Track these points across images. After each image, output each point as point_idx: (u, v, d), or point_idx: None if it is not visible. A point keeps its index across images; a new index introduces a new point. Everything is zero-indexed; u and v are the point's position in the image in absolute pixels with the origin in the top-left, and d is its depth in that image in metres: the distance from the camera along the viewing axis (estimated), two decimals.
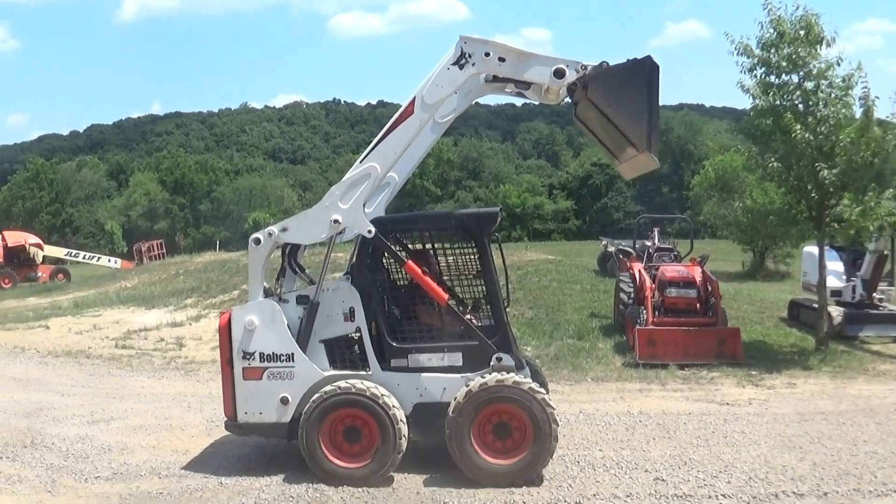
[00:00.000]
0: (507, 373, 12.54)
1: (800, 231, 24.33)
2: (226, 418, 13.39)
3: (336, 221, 12.87)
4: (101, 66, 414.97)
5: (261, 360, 12.94)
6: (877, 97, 22.04)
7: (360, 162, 13.04)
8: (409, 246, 14.31)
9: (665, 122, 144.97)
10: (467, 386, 12.44)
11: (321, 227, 13.05)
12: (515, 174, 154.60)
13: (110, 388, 20.85)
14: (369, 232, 12.88)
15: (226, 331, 13.13)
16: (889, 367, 22.12)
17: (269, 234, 13.20)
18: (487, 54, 12.71)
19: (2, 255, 59.25)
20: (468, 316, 13.89)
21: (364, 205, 12.99)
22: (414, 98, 12.85)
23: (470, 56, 12.71)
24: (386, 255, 13.81)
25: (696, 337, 22.87)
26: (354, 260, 13.43)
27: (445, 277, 14.39)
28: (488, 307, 13.50)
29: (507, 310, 13.63)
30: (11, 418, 17.30)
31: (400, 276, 14.35)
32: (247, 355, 12.97)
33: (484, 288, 13.55)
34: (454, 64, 12.76)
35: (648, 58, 12.56)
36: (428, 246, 14.18)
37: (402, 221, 13.99)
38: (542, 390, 12.57)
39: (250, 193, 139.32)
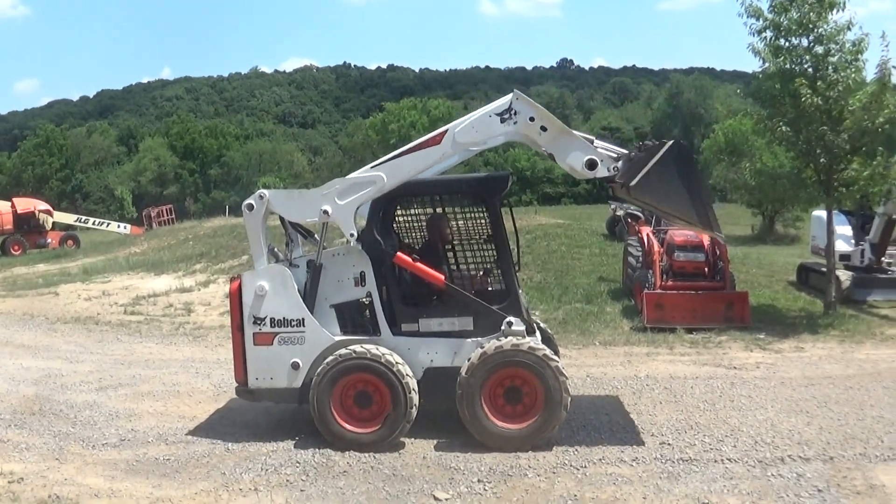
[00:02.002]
0: (519, 338, 12.56)
1: (809, 195, 24.24)
2: (236, 384, 13.43)
3: (325, 212, 12.81)
4: (110, 31, 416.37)
5: (271, 326, 12.96)
6: (894, 66, 21.92)
7: (372, 167, 12.97)
8: (420, 210, 14.30)
9: (675, 85, 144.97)
10: (482, 348, 12.47)
11: (310, 210, 13.02)
12: None
13: (119, 355, 20.91)
14: (351, 235, 12.90)
15: (236, 296, 13.15)
16: None
17: (261, 198, 13.17)
18: (532, 119, 12.63)
19: (11, 222, 59.05)
20: (479, 279, 13.93)
21: (358, 208, 12.96)
22: (446, 131, 12.77)
23: (515, 114, 12.61)
24: (396, 218, 13.82)
25: (704, 301, 22.89)
26: (365, 224, 13.40)
27: (456, 242, 14.35)
28: (499, 272, 13.49)
29: (518, 274, 13.64)
30: (20, 385, 17.38)
31: (410, 239, 14.34)
32: (257, 321, 12.99)
33: (495, 252, 13.53)
34: (498, 115, 12.65)
35: (675, 143, 12.58)
36: (440, 210, 14.13)
37: (413, 186, 13.97)
38: (557, 358, 12.62)
39: (260, 158, 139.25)
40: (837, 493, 10.62)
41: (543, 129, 12.67)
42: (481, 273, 14.26)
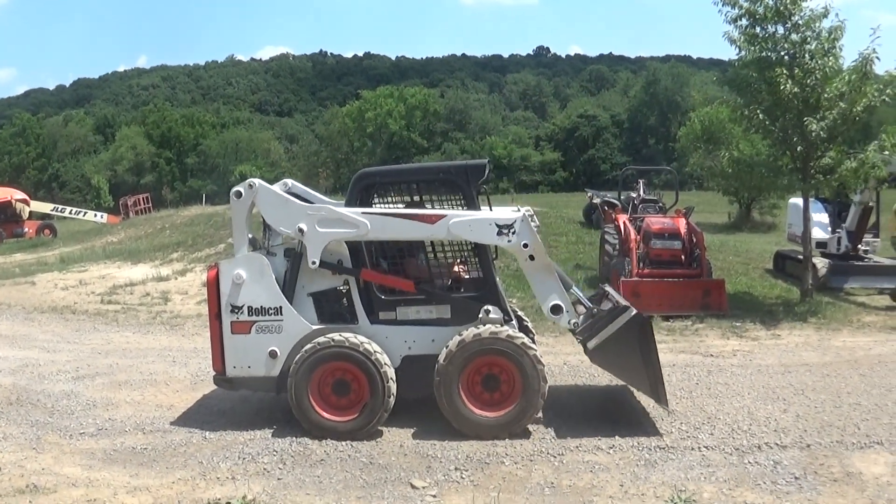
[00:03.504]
0: (497, 325, 12.61)
1: (786, 183, 24.28)
2: (214, 373, 13.40)
3: (301, 230, 12.85)
4: (86, 20, 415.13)
5: (249, 314, 12.95)
6: (877, 57, 21.98)
7: (364, 212, 12.95)
8: (397, 198, 14.26)
9: (652, 73, 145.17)
10: (461, 335, 12.47)
11: (288, 221, 13.03)
12: (502, 126, 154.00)
13: (96, 344, 20.86)
14: (313, 263, 12.89)
15: (213, 285, 13.12)
16: (873, 318, 22.23)
17: (251, 187, 13.17)
18: (526, 245, 12.85)
19: None
20: (457, 268, 13.99)
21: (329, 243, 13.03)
22: (444, 216, 12.86)
23: (514, 234, 12.80)
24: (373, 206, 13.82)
25: (680, 288, 22.98)
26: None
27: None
28: (476, 260, 13.50)
29: (495, 262, 13.70)
30: None
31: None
32: (235, 309, 12.97)
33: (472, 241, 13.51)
34: (498, 227, 12.82)
35: (637, 315, 12.77)
36: (416, 198, 14.07)
37: (389, 174, 13.93)
38: (534, 346, 12.64)
39: (237, 146, 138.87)
40: (814, 481, 10.67)
41: (532, 258, 12.99)
42: (458, 261, 14.28)
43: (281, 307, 12.94)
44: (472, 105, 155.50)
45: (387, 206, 13.81)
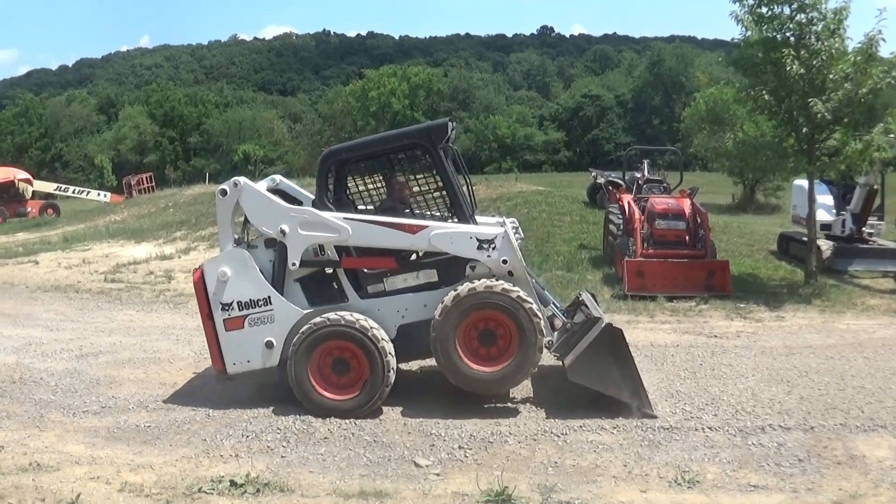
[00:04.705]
0: (492, 280, 12.61)
1: (791, 164, 24.22)
2: (216, 371, 13.46)
3: (282, 231, 12.91)
4: (88, 0, 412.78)
5: (240, 309, 13.00)
6: (883, 38, 21.92)
7: (346, 218, 12.96)
8: (365, 175, 14.24)
9: (657, 53, 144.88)
10: (455, 290, 12.48)
11: (270, 222, 13.07)
12: (506, 105, 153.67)
13: (99, 322, 20.86)
14: (293, 265, 12.97)
15: (200, 286, 13.21)
16: (877, 301, 22.19)
17: (235, 185, 13.23)
18: (505, 262, 12.74)
19: None
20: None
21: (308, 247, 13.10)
22: (426, 227, 12.86)
23: (494, 249, 12.76)
24: (350, 182, 13.89)
25: (684, 269, 22.96)
26: (315, 195, 13.42)
27: (410, 196, 14.16)
28: (454, 218, 13.37)
29: (476, 215, 13.66)
30: (0, 354, 17.31)
31: (364, 202, 14.21)
32: (225, 306, 13.03)
33: (447, 199, 13.47)
34: (479, 241, 12.77)
35: (607, 326, 12.84)
36: (388, 167, 14.14)
37: (355, 148, 13.92)
38: (530, 300, 12.54)
39: (240, 126, 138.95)
40: (818, 463, 10.66)
41: (510, 273, 12.85)
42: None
43: (269, 297, 12.99)
44: (475, 84, 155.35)
45: (363, 186, 13.92)
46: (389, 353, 12.54)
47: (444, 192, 13.44)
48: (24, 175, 63.23)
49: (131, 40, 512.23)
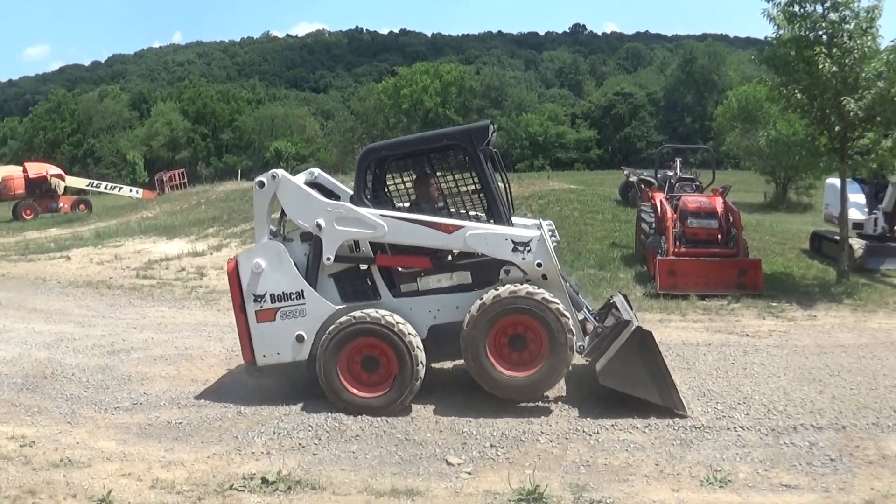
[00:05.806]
0: (517, 284, 12.59)
1: (824, 163, 24.12)
2: (245, 363, 13.49)
3: (318, 226, 12.90)
4: None
5: (272, 302, 13.00)
6: None
7: (382, 215, 12.94)
8: (403, 172, 14.21)
9: (689, 51, 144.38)
10: (481, 299, 12.46)
11: (307, 216, 13.04)
12: (538, 103, 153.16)
13: (131, 319, 20.94)
14: (328, 259, 12.98)
15: (234, 277, 13.20)
16: None
17: (273, 178, 13.19)
18: (540, 264, 12.71)
19: (23, 187, 59.25)
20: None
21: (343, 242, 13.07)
22: (462, 227, 12.82)
23: (529, 252, 12.70)
24: (388, 179, 13.94)
25: (716, 268, 22.84)
26: (353, 190, 13.43)
27: (448, 196, 14.18)
28: (491, 221, 13.36)
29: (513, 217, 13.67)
30: (32, 349, 17.41)
31: (402, 200, 14.21)
32: (258, 298, 13.03)
33: (485, 201, 13.44)
34: (514, 243, 12.70)
35: (637, 330, 12.84)
36: (427, 168, 14.08)
37: (395, 146, 13.93)
38: (556, 300, 12.49)
39: (272, 122, 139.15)
40: (850, 463, 10.62)
41: (544, 276, 12.82)
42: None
43: (302, 290, 13.00)
44: (507, 82, 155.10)
45: (401, 185, 13.91)
46: (417, 347, 12.55)
47: (481, 194, 13.41)
48: (56, 171, 63.33)
49: (164, 37, 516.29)
